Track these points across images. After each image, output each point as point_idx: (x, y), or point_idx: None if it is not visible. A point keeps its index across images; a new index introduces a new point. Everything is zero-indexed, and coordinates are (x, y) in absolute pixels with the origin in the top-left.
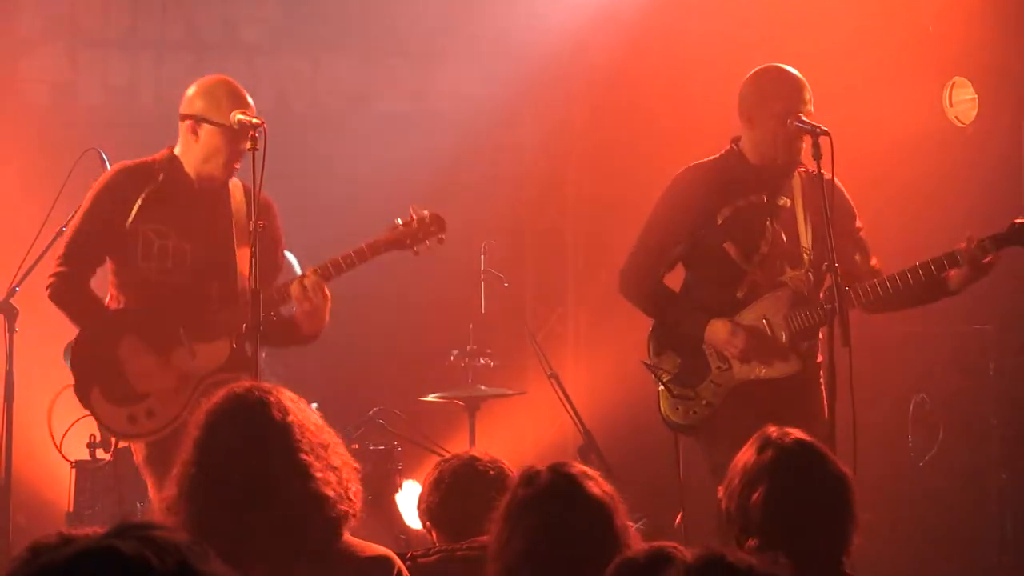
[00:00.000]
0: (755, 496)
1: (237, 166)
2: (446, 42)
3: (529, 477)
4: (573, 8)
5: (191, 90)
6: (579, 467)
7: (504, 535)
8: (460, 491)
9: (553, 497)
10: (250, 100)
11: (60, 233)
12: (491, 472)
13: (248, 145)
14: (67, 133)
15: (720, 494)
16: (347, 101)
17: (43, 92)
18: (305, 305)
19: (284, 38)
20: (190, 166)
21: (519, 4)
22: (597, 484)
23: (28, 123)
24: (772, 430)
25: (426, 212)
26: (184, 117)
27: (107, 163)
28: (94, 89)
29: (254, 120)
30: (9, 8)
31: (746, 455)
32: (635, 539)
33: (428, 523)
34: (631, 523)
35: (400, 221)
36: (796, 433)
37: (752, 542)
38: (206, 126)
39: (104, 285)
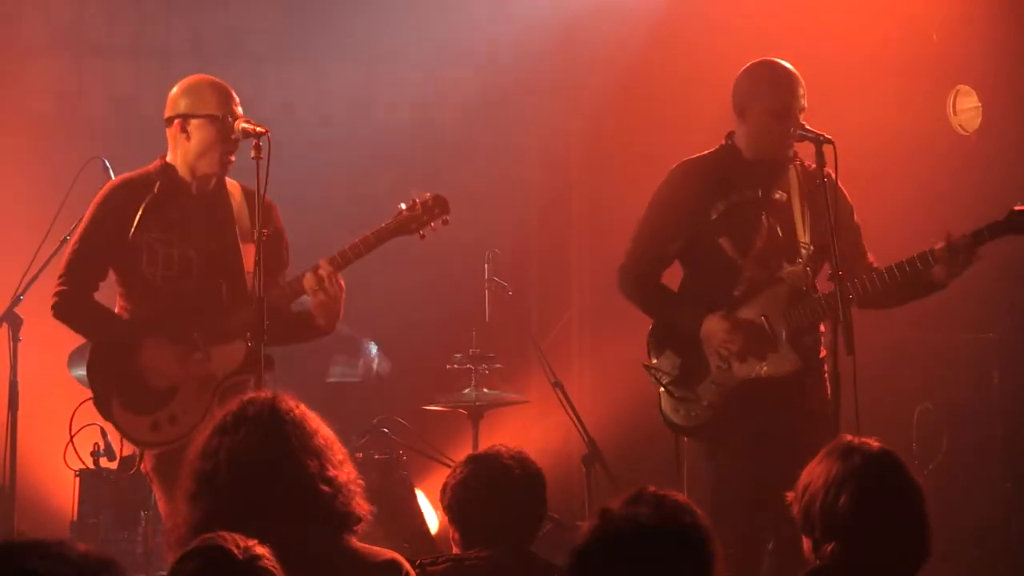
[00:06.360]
0: (843, 500)
1: (232, 159)
2: (448, 50)
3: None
4: (574, 14)
5: (172, 92)
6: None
7: None
8: (489, 491)
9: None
10: (235, 95)
11: (64, 242)
12: (518, 472)
13: (240, 137)
14: (71, 142)
15: (794, 501)
16: (350, 109)
17: (48, 101)
18: (320, 296)
19: (288, 47)
20: (185, 169)
21: (520, 11)
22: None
23: (33, 132)
24: (852, 438)
25: (428, 194)
26: (170, 120)
27: (111, 172)
28: (99, 98)
29: (258, 128)
30: (14, 17)
31: (828, 461)
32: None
33: (451, 520)
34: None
35: (403, 206)
36: (876, 441)
37: (831, 546)
38: (194, 121)
39: (111, 298)
